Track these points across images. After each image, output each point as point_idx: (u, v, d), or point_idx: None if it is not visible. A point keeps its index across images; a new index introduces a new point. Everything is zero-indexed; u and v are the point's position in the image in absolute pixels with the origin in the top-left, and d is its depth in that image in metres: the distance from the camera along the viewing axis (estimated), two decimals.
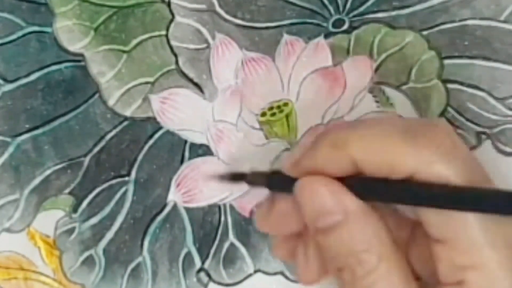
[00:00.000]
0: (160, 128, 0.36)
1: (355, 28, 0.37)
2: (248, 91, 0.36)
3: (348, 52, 0.36)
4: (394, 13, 0.36)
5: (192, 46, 0.37)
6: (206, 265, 0.36)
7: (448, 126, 0.29)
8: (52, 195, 0.36)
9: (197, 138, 0.36)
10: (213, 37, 0.37)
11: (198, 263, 0.36)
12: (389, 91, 0.36)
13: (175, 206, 0.36)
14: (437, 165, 0.26)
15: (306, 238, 0.30)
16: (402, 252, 0.28)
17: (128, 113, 0.37)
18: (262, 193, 0.36)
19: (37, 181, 0.36)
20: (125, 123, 0.37)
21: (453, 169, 0.26)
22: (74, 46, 0.37)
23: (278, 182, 0.30)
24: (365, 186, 0.27)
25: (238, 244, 0.36)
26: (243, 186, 0.35)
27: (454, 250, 0.26)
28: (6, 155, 0.36)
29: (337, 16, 0.37)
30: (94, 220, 0.36)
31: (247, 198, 0.36)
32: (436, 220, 0.27)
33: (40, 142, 0.37)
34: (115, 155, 0.36)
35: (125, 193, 0.36)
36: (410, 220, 0.29)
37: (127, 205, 0.36)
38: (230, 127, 0.36)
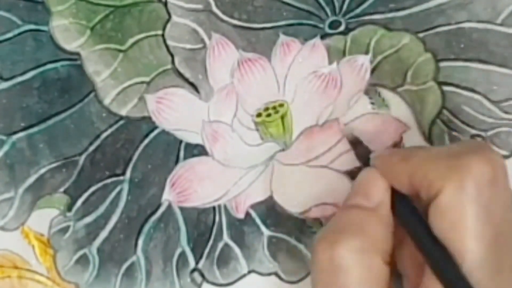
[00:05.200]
0: (156, 127, 0.36)
1: (351, 29, 0.37)
2: (244, 91, 0.36)
3: (344, 53, 0.36)
4: (390, 15, 0.36)
5: (188, 46, 0.37)
6: (200, 265, 0.36)
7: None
8: (46, 194, 0.36)
9: (193, 138, 0.36)
10: (210, 37, 0.37)
11: (192, 263, 0.36)
12: (384, 93, 0.36)
13: (169, 206, 0.36)
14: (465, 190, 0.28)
15: None
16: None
17: (123, 112, 0.37)
18: (258, 195, 0.36)
19: (32, 179, 0.36)
20: (121, 122, 0.37)
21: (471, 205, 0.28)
22: (70, 45, 0.37)
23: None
24: (405, 207, 0.30)
25: (232, 244, 0.36)
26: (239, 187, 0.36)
27: None
28: (1, 153, 0.36)
29: (334, 18, 0.37)
30: (88, 219, 0.36)
31: (241, 200, 0.36)
32: None
33: (35, 141, 0.36)
34: (110, 154, 0.36)
35: (119, 192, 0.36)
36: None
37: (121, 204, 0.36)
38: (225, 127, 0.36)
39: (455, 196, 0.28)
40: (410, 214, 0.30)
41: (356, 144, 0.35)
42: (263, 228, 0.36)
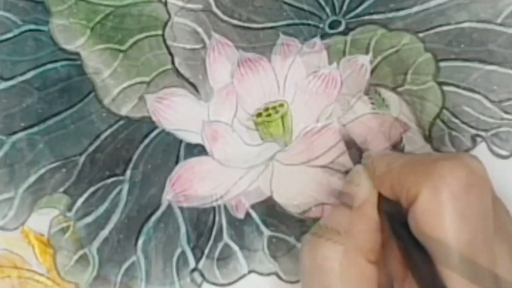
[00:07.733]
0: (156, 127, 0.36)
1: (351, 29, 0.37)
2: (244, 91, 0.36)
3: (344, 53, 0.36)
4: (390, 15, 0.36)
5: (188, 46, 0.37)
6: (200, 265, 0.36)
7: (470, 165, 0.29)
8: (46, 194, 0.36)
9: (192, 138, 0.36)
10: (210, 37, 0.37)
11: (192, 263, 0.36)
12: (384, 93, 0.36)
13: (169, 206, 0.36)
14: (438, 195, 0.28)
15: None
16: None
17: (123, 112, 0.37)
18: (258, 195, 0.36)
19: (31, 179, 0.36)
20: (121, 122, 0.37)
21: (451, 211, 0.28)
22: (70, 45, 0.37)
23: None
24: (389, 209, 0.30)
25: (232, 244, 0.36)
26: (239, 187, 0.36)
27: None
28: (1, 154, 0.36)
29: (334, 18, 0.37)
30: (88, 219, 0.36)
31: (241, 200, 0.36)
32: None
33: (35, 141, 0.36)
34: (110, 154, 0.36)
35: (119, 192, 0.36)
36: None
37: (121, 204, 0.36)
38: (225, 127, 0.36)
39: (430, 202, 0.28)
40: (394, 217, 0.30)
41: (351, 145, 0.35)
42: (263, 228, 0.36)
